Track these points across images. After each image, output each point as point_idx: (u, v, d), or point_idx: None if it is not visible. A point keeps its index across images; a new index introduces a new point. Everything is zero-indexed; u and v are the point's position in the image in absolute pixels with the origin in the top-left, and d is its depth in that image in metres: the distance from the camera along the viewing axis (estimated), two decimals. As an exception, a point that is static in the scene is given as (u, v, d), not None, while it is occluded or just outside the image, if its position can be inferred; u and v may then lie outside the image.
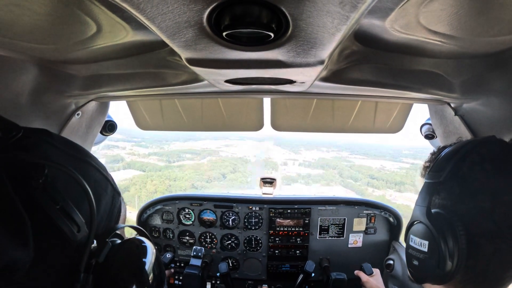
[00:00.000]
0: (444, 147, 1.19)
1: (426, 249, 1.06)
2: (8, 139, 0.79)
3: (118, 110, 2.46)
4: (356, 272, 2.70)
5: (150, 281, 0.97)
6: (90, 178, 0.92)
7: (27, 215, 0.71)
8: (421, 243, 1.08)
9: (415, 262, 1.11)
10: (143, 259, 0.97)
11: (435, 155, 1.21)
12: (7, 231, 0.68)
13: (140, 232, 1.15)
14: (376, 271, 2.68)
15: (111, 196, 1.04)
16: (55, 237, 0.79)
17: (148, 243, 1.04)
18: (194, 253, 2.97)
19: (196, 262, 2.91)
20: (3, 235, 0.67)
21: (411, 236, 1.14)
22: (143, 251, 1.00)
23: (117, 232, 1.05)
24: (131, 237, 1.06)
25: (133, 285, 0.91)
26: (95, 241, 0.88)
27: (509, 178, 0.99)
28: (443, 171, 1.08)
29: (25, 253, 0.70)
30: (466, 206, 1.02)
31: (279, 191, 3.51)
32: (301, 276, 2.91)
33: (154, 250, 1.04)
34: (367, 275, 2.63)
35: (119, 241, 0.98)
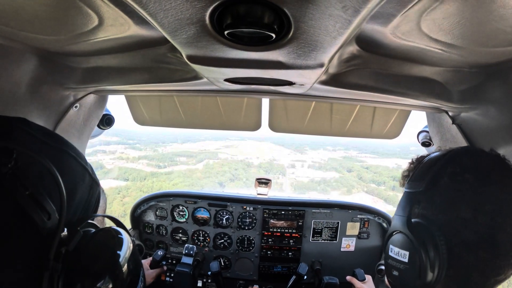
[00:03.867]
0: (423, 157, 1.20)
1: (406, 260, 1.06)
2: None
3: (118, 113, 2.45)
4: (348, 278, 2.69)
5: (124, 276, 0.96)
6: (65, 166, 0.92)
7: None
8: (401, 253, 1.08)
9: (395, 273, 1.11)
10: (118, 251, 0.96)
11: (414, 165, 1.21)
12: None
13: (117, 223, 1.13)
14: (368, 278, 2.68)
15: (88, 185, 1.03)
16: (23, 224, 0.78)
17: (124, 235, 1.02)
18: (186, 251, 2.96)
19: (188, 260, 2.91)
20: None
21: (391, 246, 1.13)
22: (118, 242, 0.98)
23: (94, 222, 1.05)
24: (107, 227, 1.03)
25: (104, 277, 0.89)
26: (66, 230, 0.88)
27: (489, 188, 0.99)
28: (424, 181, 1.09)
29: None
30: (447, 216, 1.02)
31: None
32: (293, 278, 2.90)
33: (131, 244, 1.03)
34: (360, 281, 2.62)
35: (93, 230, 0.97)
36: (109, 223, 1.24)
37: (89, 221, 1.03)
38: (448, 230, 1.00)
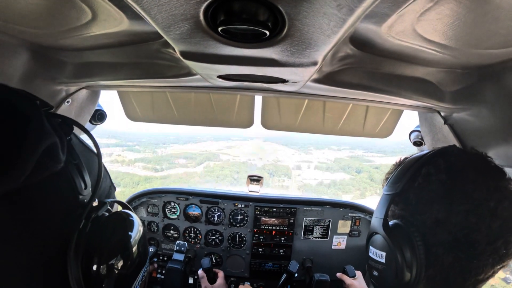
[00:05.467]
0: (406, 158, 1.21)
1: (383, 260, 1.08)
2: (46, 110, 0.87)
3: (117, 118, 2.45)
4: (338, 275, 2.71)
5: (134, 255, 1.03)
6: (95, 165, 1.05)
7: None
8: (379, 254, 1.10)
9: (375, 273, 1.14)
10: (129, 232, 1.04)
11: (397, 167, 1.22)
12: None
13: (128, 209, 1.22)
14: (359, 274, 2.70)
15: (109, 186, 1.22)
16: (66, 185, 0.89)
17: (136, 219, 1.11)
18: (177, 247, 2.97)
19: (179, 256, 2.91)
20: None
21: (370, 247, 1.16)
22: (131, 223, 1.08)
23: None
24: (121, 210, 1.15)
25: (118, 253, 0.97)
26: (96, 200, 0.98)
27: (462, 187, 1.01)
28: (400, 183, 1.10)
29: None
30: (423, 217, 1.04)
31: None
32: (284, 275, 2.91)
33: (141, 227, 1.12)
34: (350, 277, 2.64)
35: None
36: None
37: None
38: (425, 231, 1.02)
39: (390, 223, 1.10)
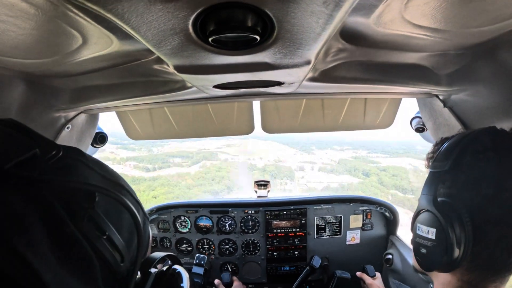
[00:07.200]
0: (447, 138, 1.22)
1: (433, 237, 1.09)
2: (47, 159, 0.69)
3: (110, 114, 2.44)
4: (358, 273, 2.72)
5: None
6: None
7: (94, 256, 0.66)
8: (428, 231, 1.11)
9: (423, 250, 1.14)
10: (181, 284, 0.99)
11: (438, 146, 1.23)
12: (77, 277, 0.63)
13: (173, 259, 1.12)
14: (378, 275, 2.72)
15: (143, 221, 0.96)
16: (101, 270, 0.71)
17: (181, 270, 1.04)
18: (197, 260, 2.95)
19: (199, 270, 2.90)
20: (74, 281, 0.62)
21: (418, 225, 1.17)
22: (180, 278, 1.01)
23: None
24: (167, 266, 1.03)
25: None
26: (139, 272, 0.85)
27: (510, 164, 1.01)
28: (447, 160, 1.11)
29: None
30: (471, 193, 1.04)
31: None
32: (306, 270, 2.92)
33: (188, 275, 1.07)
34: (370, 277, 2.66)
35: (153, 270, 0.97)
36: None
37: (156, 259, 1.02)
38: (473, 207, 1.02)
39: (438, 200, 1.11)
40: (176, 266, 1.04)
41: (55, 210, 0.63)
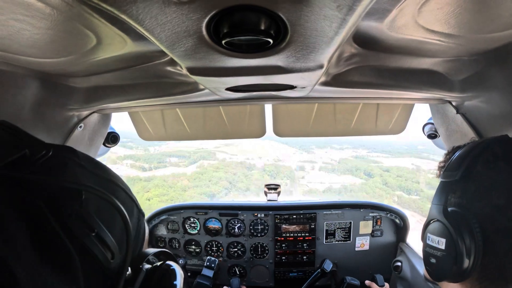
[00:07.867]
0: (458, 147, 1.20)
1: (443, 247, 1.08)
2: (37, 159, 0.70)
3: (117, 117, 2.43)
4: (367, 282, 2.71)
5: None
6: (119, 199, 0.82)
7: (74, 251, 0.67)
8: (438, 241, 1.10)
9: (433, 260, 1.13)
10: (174, 282, 0.96)
11: (449, 155, 1.22)
12: (56, 273, 0.63)
13: (167, 256, 1.11)
14: (387, 286, 2.70)
15: (137, 218, 0.99)
16: (90, 267, 0.72)
17: (176, 266, 1.02)
18: (208, 263, 2.96)
19: (209, 272, 2.89)
20: (53, 278, 0.63)
21: (428, 234, 1.16)
22: (174, 275, 0.98)
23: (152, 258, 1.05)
24: (160, 262, 1.02)
25: None
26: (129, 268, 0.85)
27: None
28: (458, 170, 1.09)
29: None
30: (481, 203, 1.03)
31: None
32: (316, 273, 2.90)
33: (182, 272, 1.03)
34: (379, 286, 2.64)
35: (147, 265, 0.97)
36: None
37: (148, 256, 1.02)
38: (483, 218, 1.01)
39: (449, 209, 1.10)
40: (170, 263, 1.02)
41: (38, 208, 0.64)
